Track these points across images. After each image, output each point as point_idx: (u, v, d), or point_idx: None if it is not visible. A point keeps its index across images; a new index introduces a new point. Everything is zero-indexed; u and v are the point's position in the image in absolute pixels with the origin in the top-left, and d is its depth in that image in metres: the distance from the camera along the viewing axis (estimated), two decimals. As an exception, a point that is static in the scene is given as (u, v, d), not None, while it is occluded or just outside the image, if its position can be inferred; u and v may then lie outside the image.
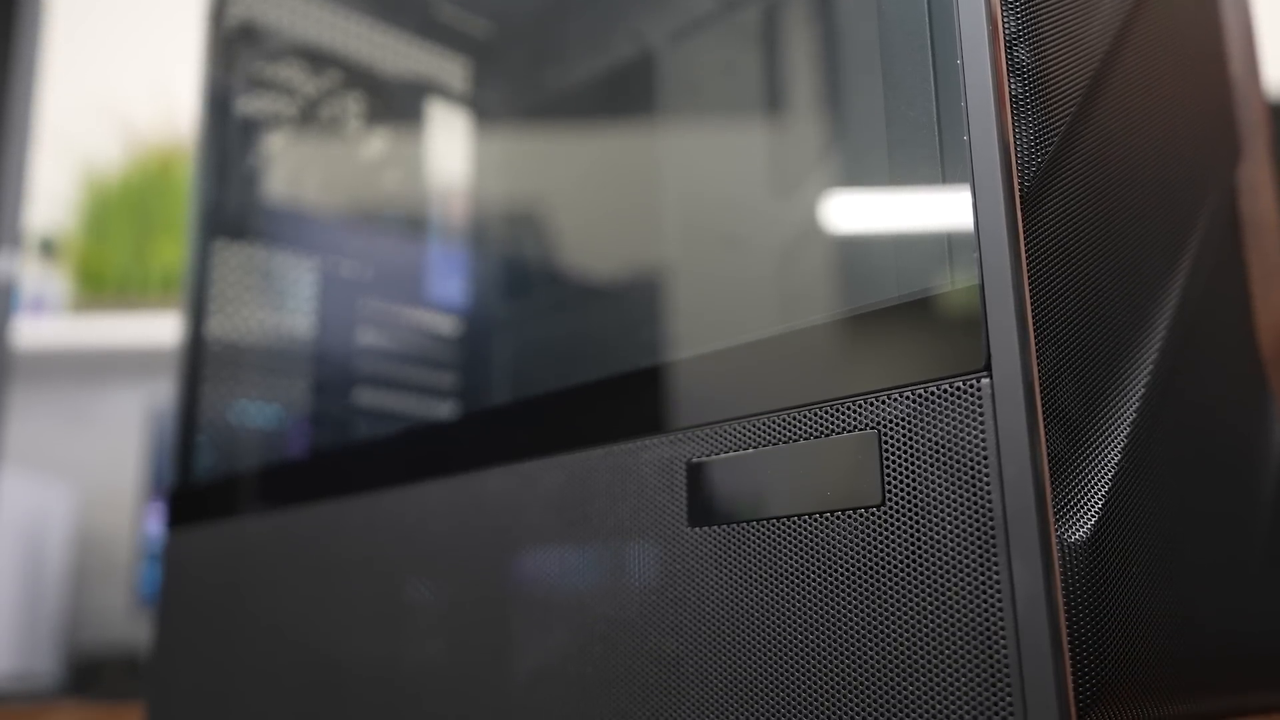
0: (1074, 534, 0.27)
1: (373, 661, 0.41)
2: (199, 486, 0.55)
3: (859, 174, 0.36)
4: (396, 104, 0.66)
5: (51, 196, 1.64)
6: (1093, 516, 0.28)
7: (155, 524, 1.40)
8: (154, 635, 0.55)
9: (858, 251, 0.37)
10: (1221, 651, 0.32)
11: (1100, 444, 0.30)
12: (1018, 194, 0.27)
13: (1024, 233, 0.27)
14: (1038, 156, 0.29)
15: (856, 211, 0.36)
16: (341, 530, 0.44)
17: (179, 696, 0.51)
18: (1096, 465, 0.29)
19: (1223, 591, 0.32)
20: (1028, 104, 0.30)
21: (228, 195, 0.62)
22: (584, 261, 0.59)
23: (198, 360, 0.59)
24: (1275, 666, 0.34)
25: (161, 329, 1.46)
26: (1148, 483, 0.30)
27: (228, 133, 0.63)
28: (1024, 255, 0.27)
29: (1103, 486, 0.29)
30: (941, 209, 0.28)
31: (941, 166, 0.28)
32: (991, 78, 0.28)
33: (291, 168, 0.65)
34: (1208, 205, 0.37)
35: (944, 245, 0.28)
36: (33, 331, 1.49)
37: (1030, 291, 0.27)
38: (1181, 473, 0.32)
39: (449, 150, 0.67)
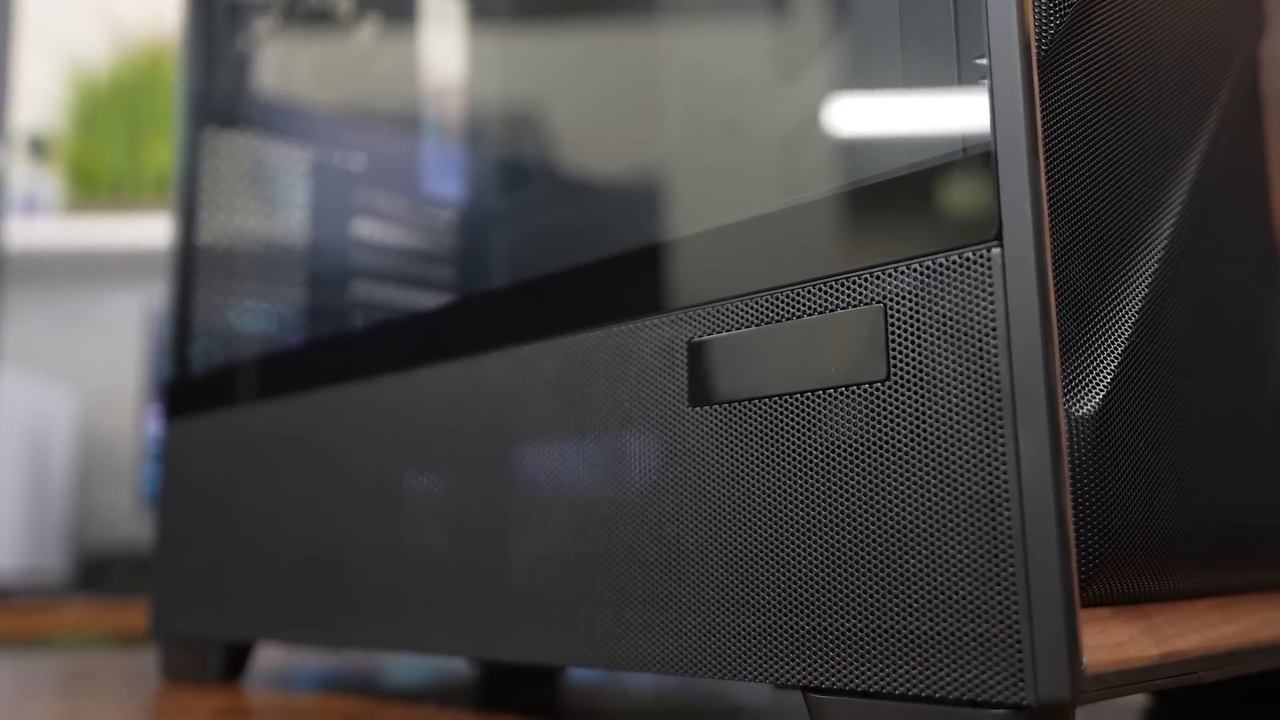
0: (1081, 408, 0.27)
1: (374, 546, 0.41)
2: (195, 378, 0.55)
3: (868, 38, 0.35)
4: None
5: (39, 94, 1.60)
6: (1100, 391, 0.27)
7: (157, 425, 1.41)
8: (157, 526, 0.55)
9: (865, 121, 0.35)
10: (1225, 530, 0.31)
11: (1109, 321, 0.29)
12: (1035, 56, 0.26)
13: (1040, 98, 0.26)
14: (1056, 18, 0.28)
15: (864, 78, 0.35)
16: (340, 417, 0.44)
17: (184, 588, 0.52)
18: (1105, 341, 0.28)
19: (1228, 471, 0.32)
20: (1047, -37, 0.28)
21: (216, 81, 0.60)
22: (585, 150, 0.58)
23: (190, 248, 0.58)
24: (1277, 546, 0.34)
25: (156, 231, 1.44)
26: (1156, 361, 0.30)
27: (214, 15, 0.61)
28: (1039, 121, 0.26)
29: (1111, 362, 0.28)
30: (955, 72, 0.27)
31: (955, 27, 0.27)
32: (1010, -67, 0.26)
33: (282, 57, 0.63)
34: (1229, 79, 0.36)
35: (956, 110, 0.27)
36: (27, 232, 1.47)
37: (1045, 159, 0.26)
38: (1191, 351, 0.32)
39: (443, 36, 0.65)
